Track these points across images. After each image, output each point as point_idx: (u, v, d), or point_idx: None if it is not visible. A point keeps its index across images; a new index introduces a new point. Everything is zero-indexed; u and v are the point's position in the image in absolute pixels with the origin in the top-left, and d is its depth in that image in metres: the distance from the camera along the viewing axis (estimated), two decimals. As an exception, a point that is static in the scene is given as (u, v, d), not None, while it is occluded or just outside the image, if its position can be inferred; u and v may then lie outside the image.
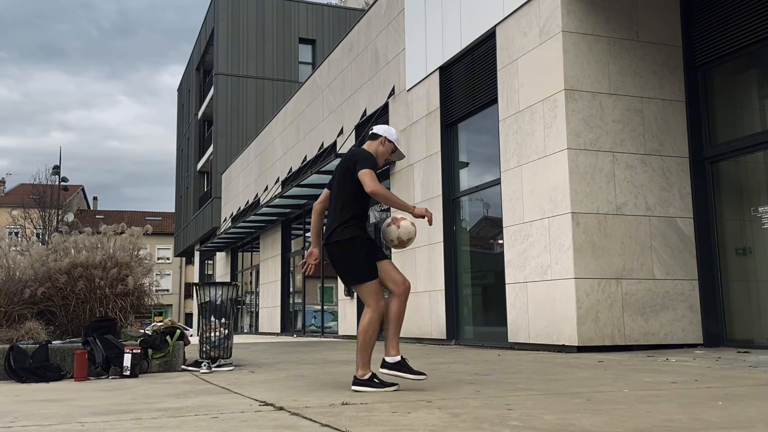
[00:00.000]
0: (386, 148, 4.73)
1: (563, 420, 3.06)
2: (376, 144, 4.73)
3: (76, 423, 3.42)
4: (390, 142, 4.74)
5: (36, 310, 7.46)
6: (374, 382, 4.35)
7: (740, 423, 2.91)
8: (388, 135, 4.74)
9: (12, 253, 7.92)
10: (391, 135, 4.75)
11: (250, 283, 24.99)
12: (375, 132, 4.78)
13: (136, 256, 8.05)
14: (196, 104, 34.33)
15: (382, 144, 4.72)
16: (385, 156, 4.75)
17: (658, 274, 7.83)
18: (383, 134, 4.73)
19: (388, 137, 4.73)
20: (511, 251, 8.59)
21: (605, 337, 7.46)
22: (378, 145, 4.72)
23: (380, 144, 4.72)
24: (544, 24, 8.16)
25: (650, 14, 8.29)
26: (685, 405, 3.44)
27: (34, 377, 6.09)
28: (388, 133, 4.75)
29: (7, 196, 59.85)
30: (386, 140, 4.73)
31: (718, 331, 7.85)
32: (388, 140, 4.73)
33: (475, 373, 5.43)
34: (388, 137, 4.73)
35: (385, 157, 4.76)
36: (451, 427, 2.95)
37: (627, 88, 8.05)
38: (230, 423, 3.26)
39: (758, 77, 7.98)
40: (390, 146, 4.74)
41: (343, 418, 3.25)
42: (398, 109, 12.25)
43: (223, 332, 6.79)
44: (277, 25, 30.42)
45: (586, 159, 7.72)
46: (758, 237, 7.62)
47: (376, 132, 4.77)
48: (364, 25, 14.24)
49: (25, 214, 44.38)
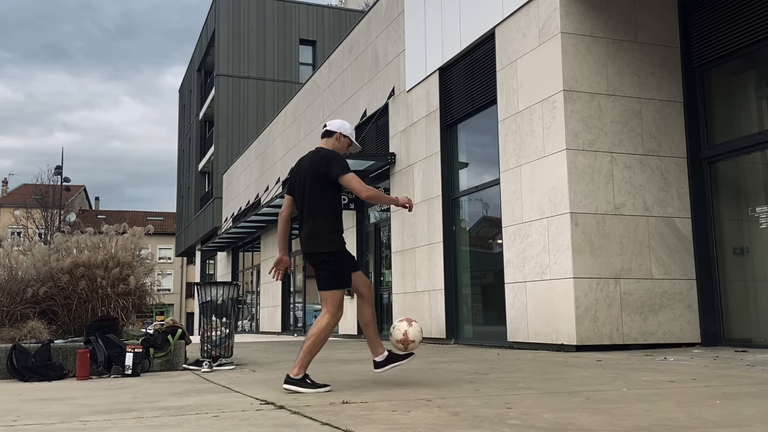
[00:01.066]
0: (342, 143, 4.68)
1: (562, 419, 3.07)
2: (332, 141, 4.67)
3: (79, 422, 3.42)
4: (345, 137, 4.69)
5: (38, 310, 7.46)
6: (306, 383, 4.31)
7: (738, 422, 2.92)
8: (342, 130, 4.69)
9: (14, 253, 7.92)
10: (345, 129, 4.71)
11: (251, 283, 25.04)
12: (328, 129, 4.70)
13: (137, 255, 8.04)
14: (197, 105, 34.39)
15: (337, 140, 4.67)
16: (343, 151, 4.70)
17: (656, 273, 7.86)
18: (337, 130, 4.68)
19: (343, 132, 4.68)
20: (510, 251, 8.63)
21: (604, 336, 7.49)
22: (334, 142, 4.66)
23: (336, 140, 4.67)
24: (543, 25, 8.20)
25: (648, 16, 8.33)
26: (683, 404, 3.45)
27: (36, 376, 6.10)
28: (342, 128, 4.70)
29: (9, 196, 59.98)
30: (341, 135, 4.68)
31: (715, 331, 7.89)
32: (343, 135, 4.68)
33: (475, 372, 5.45)
34: (343, 132, 4.68)
35: (343, 151, 4.71)
36: (451, 425, 2.96)
37: (625, 89, 8.09)
38: (231, 422, 3.26)
39: (756, 78, 8.02)
40: (346, 141, 4.70)
41: (344, 416, 3.26)
42: (398, 109, 12.29)
43: (224, 331, 6.80)
44: (277, 27, 30.48)
45: (584, 159, 7.76)
46: (756, 237, 7.66)
47: (329, 129, 4.70)
48: (364, 27, 14.28)
49: (27, 214, 44.49)
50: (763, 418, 3.01)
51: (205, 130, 33.92)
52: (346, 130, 4.71)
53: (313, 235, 4.47)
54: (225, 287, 6.94)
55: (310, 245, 4.50)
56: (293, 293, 20.25)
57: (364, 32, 14.29)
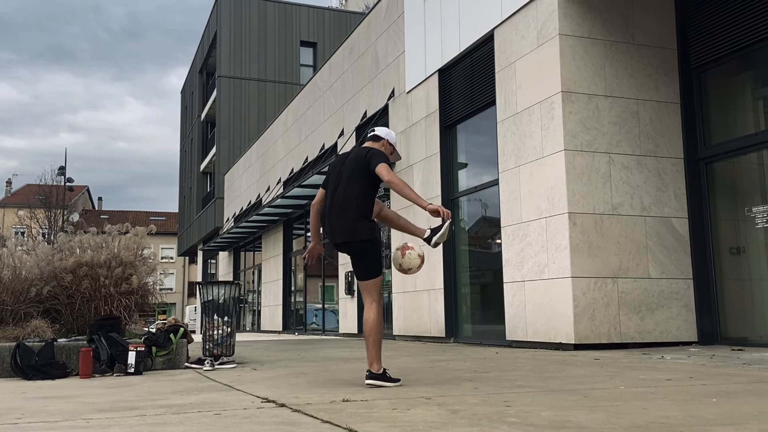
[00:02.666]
0: (386, 150, 4.87)
1: (560, 417, 3.08)
2: (378, 145, 4.86)
3: (82, 419, 3.44)
4: (390, 145, 4.92)
5: (42, 309, 7.47)
6: (387, 377, 4.45)
7: (734, 419, 2.93)
8: (389, 138, 4.93)
9: (18, 253, 7.91)
10: (392, 138, 4.95)
11: (253, 282, 25.12)
12: (377, 134, 4.92)
13: (140, 255, 8.05)
14: (199, 106, 34.48)
15: (383, 146, 4.86)
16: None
17: (653, 273, 7.93)
18: (385, 137, 4.91)
19: (390, 140, 4.92)
20: (509, 251, 8.69)
21: (601, 335, 7.54)
22: (380, 147, 4.85)
23: (381, 146, 4.85)
24: (542, 27, 8.26)
25: (646, 18, 8.38)
26: (680, 402, 3.47)
27: (40, 374, 6.11)
28: (389, 136, 4.94)
29: (13, 197, 60.16)
30: (387, 143, 4.90)
31: (712, 329, 7.94)
32: (389, 143, 4.91)
33: (474, 371, 5.47)
34: (390, 140, 4.92)
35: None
36: (450, 423, 2.97)
37: (623, 90, 8.15)
38: (233, 420, 3.27)
39: (752, 79, 8.08)
40: (390, 148, 4.91)
41: (344, 414, 3.28)
42: (398, 110, 12.36)
43: (226, 330, 6.83)
44: (278, 29, 30.57)
45: (582, 160, 7.82)
46: (752, 237, 7.72)
47: (378, 134, 4.92)
48: (365, 29, 14.34)
49: (31, 214, 44.66)
50: (760, 415, 3.03)
51: (207, 130, 34.01)
52: (393, 138, 4.96)
53: (351, 224, 4.54)
54: (226, 286, 6.95)
55: (349, 233, 4.54)
56: (294, 292, 20.33)
57: (364, 34, 14.35)
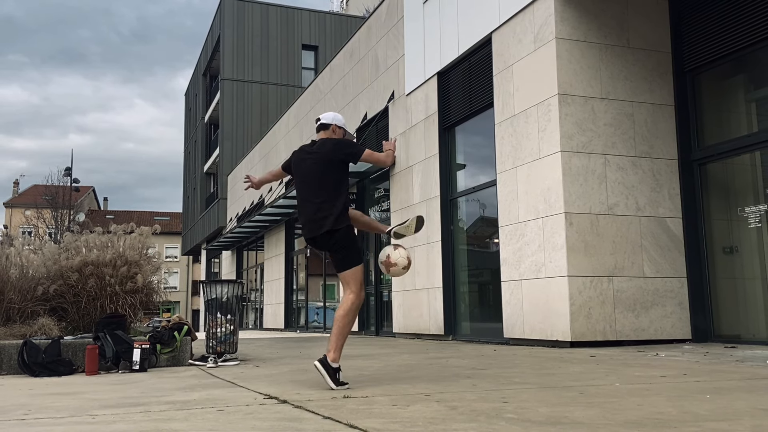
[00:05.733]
0: (338, 134, 4.81)
1: (557, 413, 3.11)
2: (329, 133, 4.81)
3: (87, 415, 3.49)
4: (340, 128, 4.83)
5: (48, 307, 7.55)
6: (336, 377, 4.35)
7: (727, 415, 2.95)
8: (336, 121, 4.83)
9: (25, 252, 8.01)
10: (338, 120, 4.83)
11: (255, 281, 25.26)
12: (324, 122, 4.83)
13: (144, 254, 8.13)
14: (202, 108, 34.67)
15: (333, 132, 4.80)
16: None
17: (648, 272, 8.04)
18: (332, 122, 4.82)
19: (338, 123, 4.83)
20: (506, 250, 8.81)
21: (597, 332, 7.64)
22: (331, 134, 4.80)
23: (332, 132, 4.80)
24: (539, 31, 8.38)
25: (641, 22, 8.50)
26: (675, 398, 3.50)
27: (46, 371, 6.20)
28: (336, 119, 4.82)
29: (21, 197, 60.42)
30: (336, 127, 4.82)
31: (706, 327, 8.04)
32: (338, 126, 4.83)
33: (472, 368, 5.51)
34: (338, 123, 4.83)
35: None
36: (449, 419, 3.00)
37: (618, 93, 8.26)
38: (236, 415, 3.32)
39: (744, 82, 8.19)
40: (341, 131, 4.83)
41: (345, 411, 3.31)
42: (398, 113, 12.48)
43: (229, 328, 6.90)
44: (280, 32, 30.77)
45: (578, 161, 7.93)
46: (745, 236, 7.82)
47: (324, 122, 4.83)
48: (365, 32, 14.47)
49: (38, 214, 44.89)
50: (752, 411, 3.05)
51: (211, 132, 34.23)
52: (340, 120, 4.86)
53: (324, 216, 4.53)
54: (230, 285, 7.02)
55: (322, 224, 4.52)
56: (296, 291, 20.47)
57: (364, 38, 14.48)
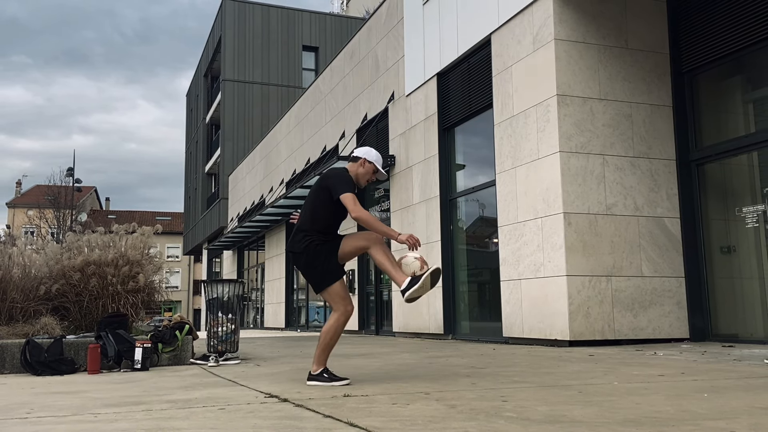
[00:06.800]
0: (366, 169, 4.79)
1: (555, 411, 3.12)
2: (357, 166, 4.81)
3: (89, 414, 3.49)
4: (370, 163, 4.81)
5: (51, 306, 7.59)
6: (324, 377, 4.50)
7: (725, 414, 2.96)
8: (367, 156, 4.77)
9: (28, 252, 8.04)
10: (370, 156, 4.78)
11: (256, 280, 25.31)
12: (355, 155, 4.87)
13: (146, 254, 8.17)
14: (204, 109, 34.76)
15: (362, 165, 4.79)
16: (367, 176, 4.82)
17: (646, 271, 8.08)
18: (363, 156, 4.82)
19: (368, 158, 4.80)
20: (505, 250, 8.85)
21: (596, 331, 7.68)
22: (358, 167, 4.80)
23: (360, 165, 4.79)
24: (538, 32, 8.43)
25: (639, 23, 8.54)
26: (672, 397, 3.51)
27: (49, 370, 6.21)
28: (367, 154, 4.78)
29: (23, 197, 60.53)
30: (365, 161, 4.79)
31: (703, 326, 8.09)
32: (368, 161, 4.80)
33: (471, 367, 5.52)
34: (368, 158, 4.80)
35: (367, 177, 4.82)
36: (448, 417, 3.01)
37: (616, 94, 8.30)
38: (237, 414, 3.33)
39: (742, 83, 8.23)
40: (370, 167, 4.80)
41: (345, 409, 3.33)
42: (397, 113, 12.53)
43: (230, 327, 6.91)
44: (281, 34, 30.87)
45: (577, 161, 7.98)
46: (742, 236, 7.87)
47: (355, 155, 4.86)
48: (365, 34, 14.52)
49: (40, 214, 45.02)
50: (749, 410, 3.06)
51: (212, 133, 34.32)
52: (371, 156, 4.83)
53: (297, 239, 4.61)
54: (231, 284, 7.03)
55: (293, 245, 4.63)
56: (297, 290, 20.53)
57: (364, 39, 14.54)
